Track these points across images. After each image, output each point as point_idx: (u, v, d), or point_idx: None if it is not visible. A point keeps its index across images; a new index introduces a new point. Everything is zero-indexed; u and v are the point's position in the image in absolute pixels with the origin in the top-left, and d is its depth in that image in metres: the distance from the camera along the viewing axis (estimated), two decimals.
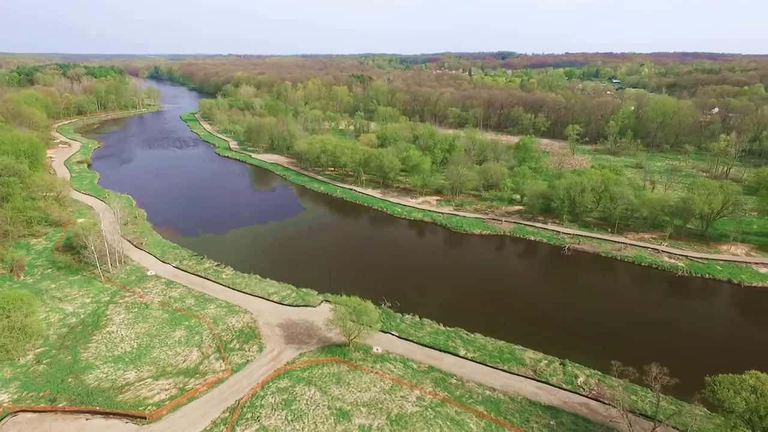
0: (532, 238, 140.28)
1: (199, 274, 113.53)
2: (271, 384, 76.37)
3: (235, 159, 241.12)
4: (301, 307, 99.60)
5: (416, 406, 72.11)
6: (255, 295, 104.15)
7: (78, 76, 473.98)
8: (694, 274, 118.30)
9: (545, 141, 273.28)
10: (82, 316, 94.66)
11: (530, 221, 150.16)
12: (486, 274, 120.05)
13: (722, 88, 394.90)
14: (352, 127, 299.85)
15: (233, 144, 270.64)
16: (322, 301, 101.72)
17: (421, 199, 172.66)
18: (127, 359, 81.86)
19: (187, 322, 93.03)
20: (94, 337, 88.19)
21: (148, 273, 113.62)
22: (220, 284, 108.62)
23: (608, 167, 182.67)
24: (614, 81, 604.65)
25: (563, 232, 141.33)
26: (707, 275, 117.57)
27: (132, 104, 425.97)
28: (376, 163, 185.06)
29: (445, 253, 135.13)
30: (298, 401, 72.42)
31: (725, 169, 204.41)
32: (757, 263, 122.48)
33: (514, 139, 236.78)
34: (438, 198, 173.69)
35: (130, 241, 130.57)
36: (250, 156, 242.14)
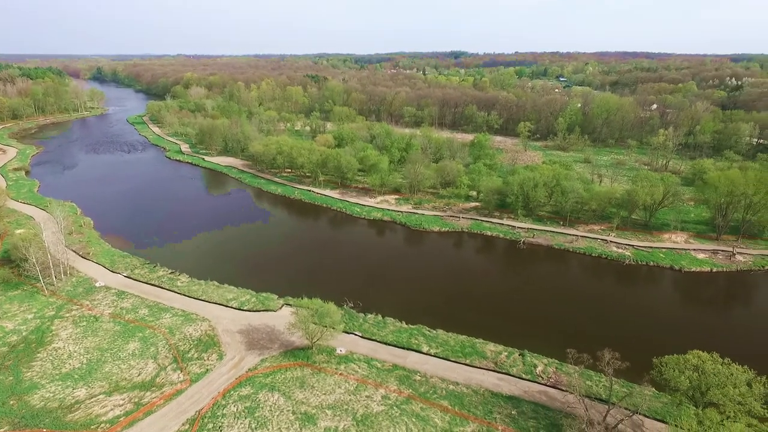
0: (489, 233, 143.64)
1: (153, 282, 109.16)
2: (232, 392, 74.50)
3: (188, 162, 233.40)
4: (261, 312, 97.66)
5: (382, 405, 72.30)
6: (213, 302, 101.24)
7: (11, 77, 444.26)
8: (640, 262, 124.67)
9: (498, 138, 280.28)
10: (24, 333, 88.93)
11: (487, 217, 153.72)
12: (446, 270, 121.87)
13: (660, 85, 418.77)
14: (308, 128, 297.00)
15: (185, 147, 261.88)
16: (283, 305, 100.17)
17: (379, 199, 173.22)
18: (76, 376, 77.60)
19: (141, 334, 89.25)
20: (39, 354, 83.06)
21: (97, 284, 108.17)
22: (176, 292, 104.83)
23: (558, 162, 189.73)
24: (561, 79, 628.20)
25: (518, 227, 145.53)
26: (652, 263, 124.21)
27: (73, 107, 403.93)
28: (334, 163, 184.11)
29: (405, 252, 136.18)
30: (262, 408, 71.02)
31: (664, 162, 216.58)
32: (695, 249, 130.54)
33: (469, 137, 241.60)
34: (397, 197, 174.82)
35: (75, 252, 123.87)
36: (203, 159, 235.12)
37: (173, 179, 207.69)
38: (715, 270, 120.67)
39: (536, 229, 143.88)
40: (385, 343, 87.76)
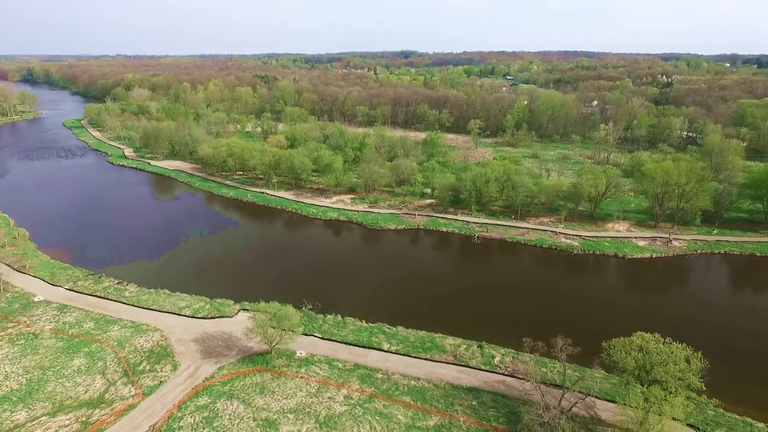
0: (445, 229, 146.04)
1: (98, 294, 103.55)
2: (189, 403, 71.91)
3: (132, 167, 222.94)
4: (217, 319, 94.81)
5: (344, 405, 71.99)
6: (164, 311, 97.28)
7: None
8: (587, 252, 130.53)
9: (450, 136, 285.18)
10: None
11: (441, 213, 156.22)
12: (404, 267, 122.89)
13: (599, 83, 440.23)
14: (259, 129, 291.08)
15: (128, 152, 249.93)
16: (239, 311, 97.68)
17: (335, 199, 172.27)
18: (14, 398, 72.41)
19: (86, 348, 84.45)
20: None
21: (36, 299, 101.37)
22: (124, 303, 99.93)
23: (508, 158, 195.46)
24: (508, 78, 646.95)
25: (472, 222, 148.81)
26: (598, 251, 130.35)
27: (1, 111, 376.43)
28: (287, 164, 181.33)
29: (362, 251, 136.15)
30: (221, 417, 68.99)
31: (606, 155, 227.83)
32: (636, 237, 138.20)
33: (422, 135, 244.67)
34: (352, 196, 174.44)
35: (9, 266, 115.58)
36: (149, 163, 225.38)
37: (117, 185, 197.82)
38: (654, 256, 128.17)
39: (489, 224, 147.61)
40: (346, 343, 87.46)
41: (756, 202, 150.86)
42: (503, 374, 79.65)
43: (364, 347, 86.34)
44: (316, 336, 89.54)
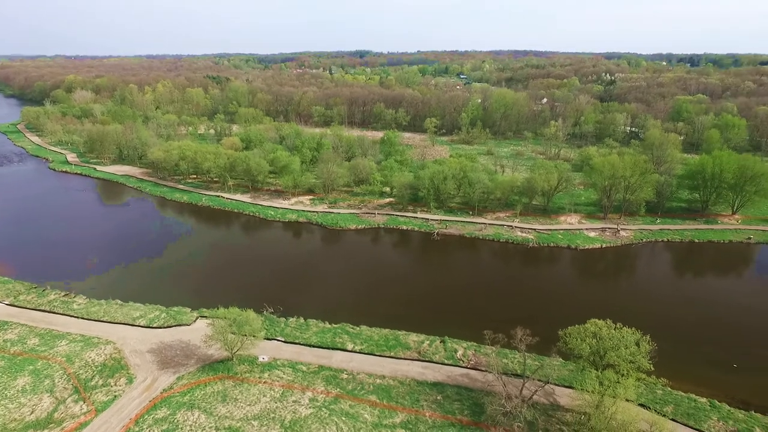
0: (405, 227, 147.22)
1: (43, 308, 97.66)
2: (146, 416, 69.11)
3: (77, 174, 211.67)
4: (174, 328, 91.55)
5: (310, 408, 71.27)
6: (117, 322, 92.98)
7: None
8: (542, 244, 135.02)
9: (407, 135, 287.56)
10: None
11: (401, 212, 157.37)
12: (366, 266, 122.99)
13: (548, 81, 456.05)
14: (212, 131, 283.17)
15: (72, 157, 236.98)
16: (197, 318, 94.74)
17: (294, 200, 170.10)
18: None
19: (31, 366, 79.47)
20: None
21: None
22: (72, 316, 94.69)
23: (464, 155, 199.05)
24: (462, 77, 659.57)
25: (431, 219, 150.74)
26: (552, 244, 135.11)
27: None
28: (243, 166, 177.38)
29: (323, 251, 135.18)
30: (181, 429, 66.70)
31: (557, 150, 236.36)
32: (587, 229, 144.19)
33: (379, 135, 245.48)
34: (311, 197, 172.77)
35: None
36: (95, 169, 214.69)
37: (60, 192, 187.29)
38: (604, 246, 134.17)
39: (448, 220, 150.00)
40: (309, 345, 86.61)
41: (693, 192, 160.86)
42: (466, 367, 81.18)
43: (328, 348, 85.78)
44: (278, 340, 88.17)
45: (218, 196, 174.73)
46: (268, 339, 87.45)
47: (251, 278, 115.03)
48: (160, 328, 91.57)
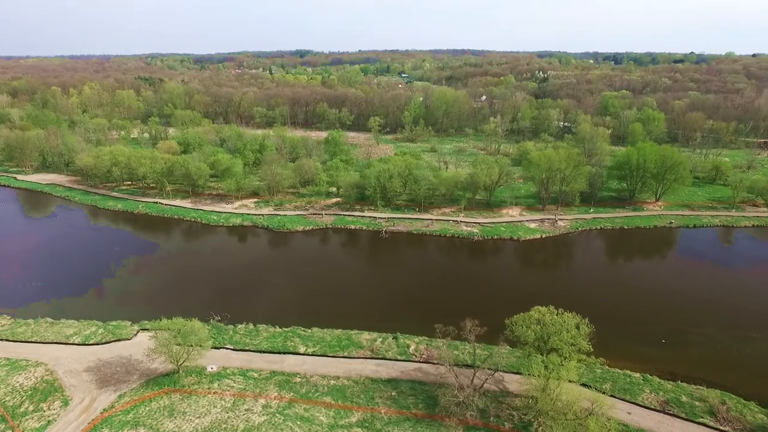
0: (353, 226, 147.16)
1: None
2: None
3: None
4: (112, 343, 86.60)
5: (263, 415, 69.82)
6: (48, 341, 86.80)
7: None
8: (486, 237, 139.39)
9: (352, 134, 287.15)
10: None
11: (348, 211, 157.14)
12: (315, 268, 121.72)
13: (486, 79, 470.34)
14: (147, 135, 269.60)
15: None
16: (138, 331, 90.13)
17: (237, 204, 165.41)
18: None
19: None
20: None
21: None
22: None
23: (409, 153, 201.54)
24: (403, 75, 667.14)
25: (379, 217, 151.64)
26: (496, 236, 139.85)
27: None
28: (182, 171, 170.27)
29: (271, 255, 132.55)
30: None
31: (497, 146, 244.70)
32: (528, 220, 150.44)
33: (323, 134, 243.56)
34: (256, 200, 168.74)
35: None
36: (15, 178, 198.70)
37: None
38: (544, 236, 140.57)
39: (396, 218, 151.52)
40: (260, 351, 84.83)
41: (621, 182, 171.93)
42: (419, 362, 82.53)
43: (279, 353, 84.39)
44: (227, 348, 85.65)
45: (156, 203, 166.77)
46: (216, 348, 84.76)
47: (196, 286, 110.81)
48: (97, 344, 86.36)
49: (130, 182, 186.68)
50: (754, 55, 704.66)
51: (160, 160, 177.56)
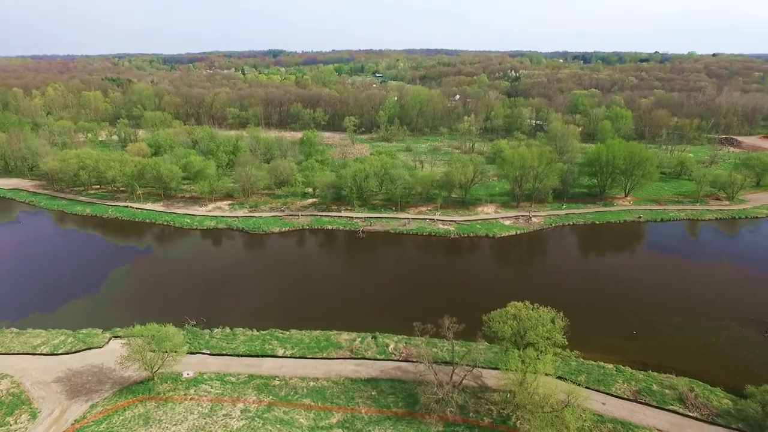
0: (330, 227, 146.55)
1: None
2: None
3: None
4: (83, 352, 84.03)
5: (242, 419, 68.94)
6: (13, 352, 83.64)
7: None
8: (463, 235, 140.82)
9: (327, 134, 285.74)
10: None
11: (325, 211, 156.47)
12: (292, 269, 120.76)
13: (459, 78, 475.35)
14: (115, 137, 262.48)
15: None
16: (110, 339, 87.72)
17: (211, 206, 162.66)
18: None
19: None
20: None
21: None
22: None
23: (384, 153, 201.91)
24: (377, 75, 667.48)
25: (356, 217, 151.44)
26: (472, 234, 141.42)
27: None
28: (153, 173, 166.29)
29: (247, 257, 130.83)
30: None
31: (471, 145, 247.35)
32: (503, 218, 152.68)
33: (298, 135, 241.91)
34: (230, 202, 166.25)
35: None
36: None
37: None
38: (519, 233, 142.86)
39: (372, 217, 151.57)
40: (237, 355, 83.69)
41: (592, 178, 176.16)
42: (398, 360, 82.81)
43: (257, 356, 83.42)
44: (203, 353, 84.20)
45: (127, 207, 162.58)
46: (192, 353, 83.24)
47: (170, 291, 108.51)
48: (66, 354, 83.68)
49: (98, 186, 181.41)
50: (714, 55, 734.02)
51: (130, 162, 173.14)
